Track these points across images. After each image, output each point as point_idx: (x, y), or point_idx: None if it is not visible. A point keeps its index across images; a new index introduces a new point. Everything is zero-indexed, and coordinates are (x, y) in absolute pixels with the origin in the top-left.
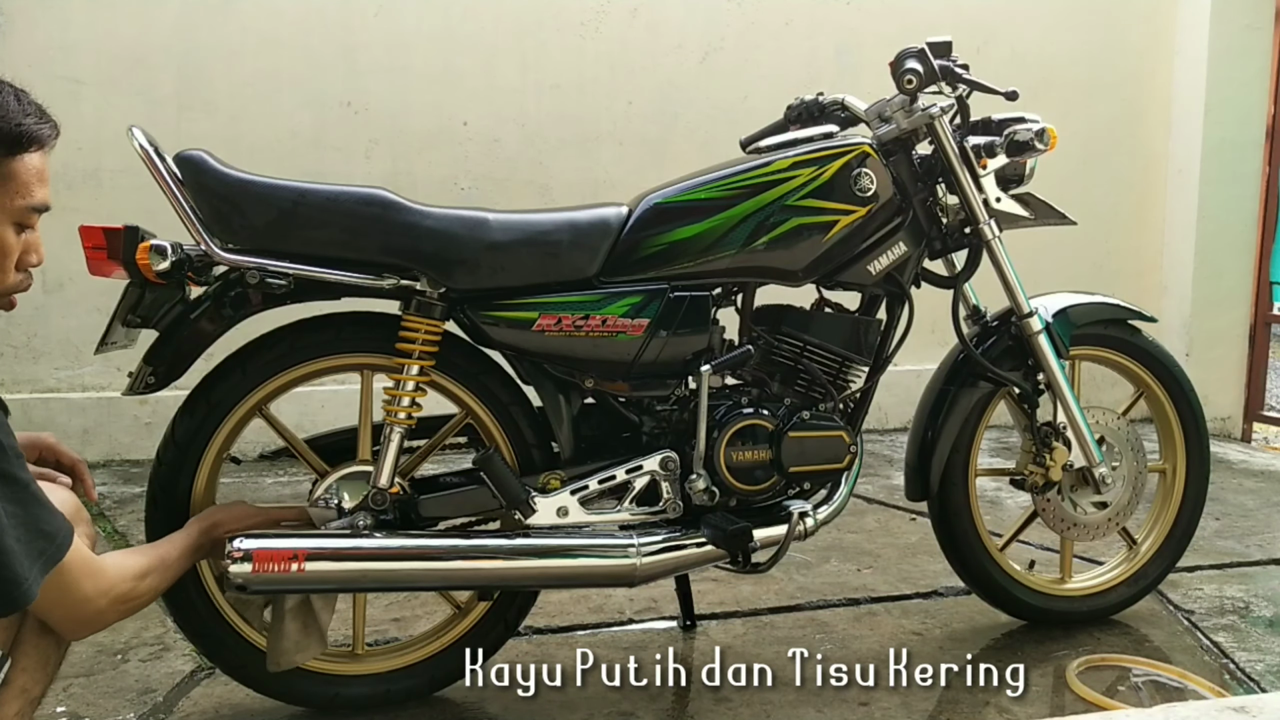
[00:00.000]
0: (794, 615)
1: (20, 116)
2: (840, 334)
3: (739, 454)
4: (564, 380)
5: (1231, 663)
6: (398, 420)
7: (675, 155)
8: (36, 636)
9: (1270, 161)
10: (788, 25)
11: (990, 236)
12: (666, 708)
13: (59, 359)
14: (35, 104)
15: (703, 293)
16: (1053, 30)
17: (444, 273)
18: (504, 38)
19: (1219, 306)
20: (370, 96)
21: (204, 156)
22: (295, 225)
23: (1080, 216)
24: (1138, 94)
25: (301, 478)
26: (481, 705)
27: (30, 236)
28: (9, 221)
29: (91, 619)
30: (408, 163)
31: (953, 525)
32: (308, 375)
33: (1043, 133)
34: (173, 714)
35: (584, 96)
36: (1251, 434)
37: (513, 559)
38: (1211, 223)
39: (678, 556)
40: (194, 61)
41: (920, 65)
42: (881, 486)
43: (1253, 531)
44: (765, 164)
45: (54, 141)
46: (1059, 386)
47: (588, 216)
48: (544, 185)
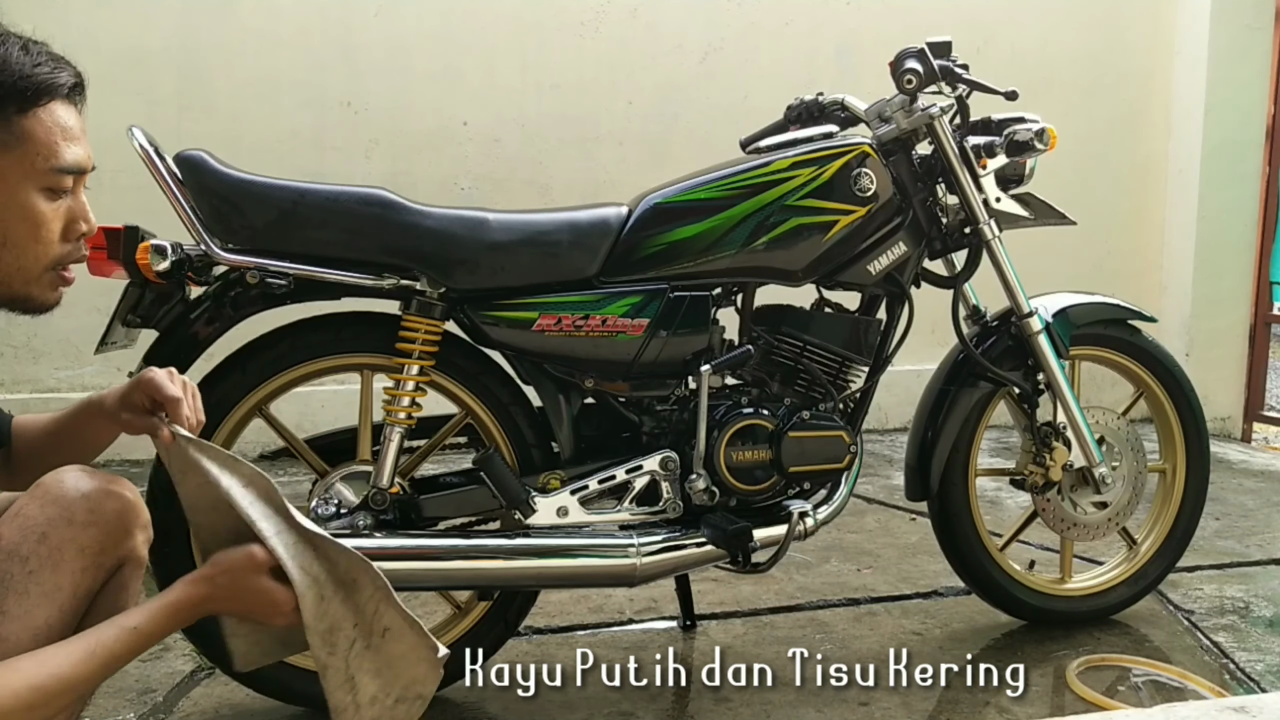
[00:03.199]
0: (794, 615)
1: (28, 68)
2: (840, 334)
3: (739, 454)
4: (564, 380)
5: (1231, 663)
6: (398, 420)
7: (675, 155)
8: None
9: (1270, 161)
10: (788, 25)
11: (990, 236)
12: (666, 708)
13: (59, 359)
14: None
15: (703, 293)
16: (1053, 30)
17: (444, 273)
18: (504, 38)
19: (1219, 306)
20: (370, 96)
21: (204, 156)
22: (295, 225)
23: (1080, 216)
24: (1138, 94)
25: (301, 478)
26: (481, 705)
27: (73, 203)
28: (36, 188)
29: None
30: (408, 163)
31: (953, 525)
32: (308, 375)
33: (1042, 133)
34: (173, 714)
35: (584, 96)
36: (1251, 434)
37: (513, 559)
38: (1211, 223)
39: (678, 556)
40: (194, 61)
41: (920, 65)
42: (881, 486)
43: (1253, 531)
44: (765, 164)
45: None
46: (1059, 386)
47: (588, 216)
48: (544, 185)
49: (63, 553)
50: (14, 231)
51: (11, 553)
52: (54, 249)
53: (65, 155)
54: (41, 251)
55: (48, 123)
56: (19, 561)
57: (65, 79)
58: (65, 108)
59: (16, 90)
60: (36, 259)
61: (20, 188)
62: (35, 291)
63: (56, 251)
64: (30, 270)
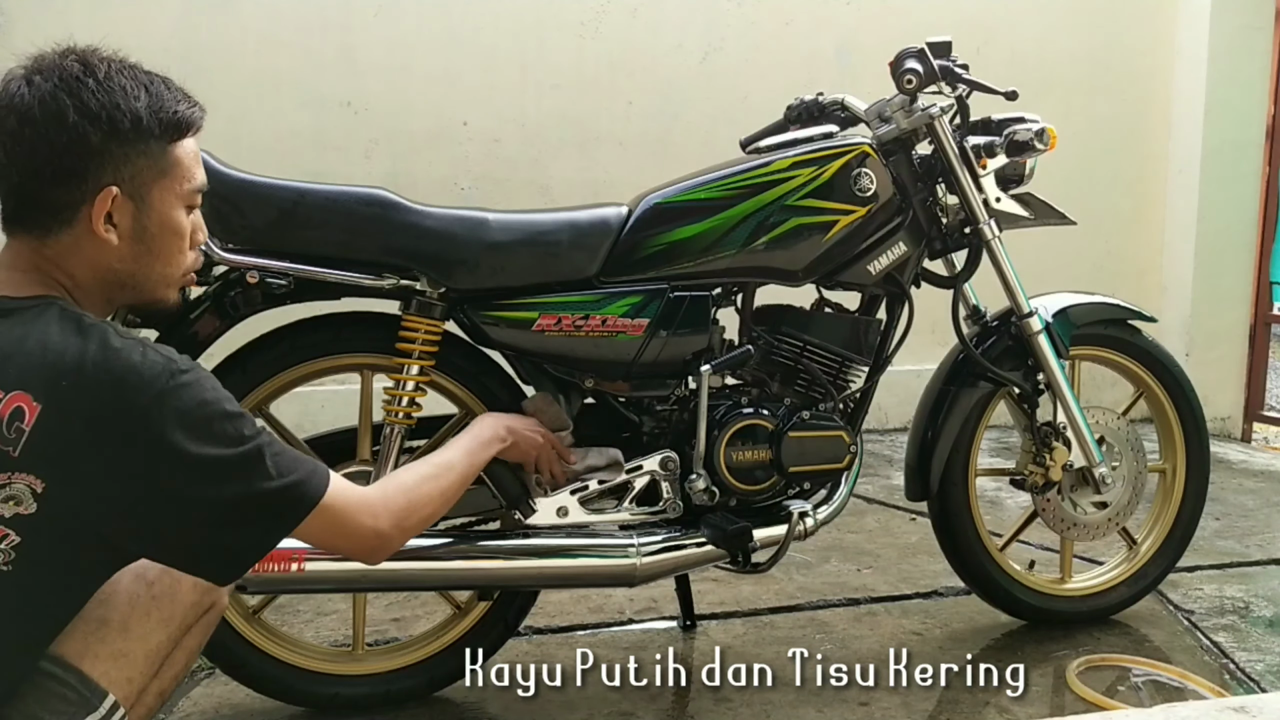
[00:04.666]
0: (794, 615)
1: (174, 104)
2: (840, 334)
3: (739, 454)
4: (564, 380)
5: (1231, 663)
6: (398, 420)
7: (675, 155)
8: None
9: (1270, 161)
10: (788, 25)
11: (990, 236)
12: (666, 708)
13: None
14: (181, 89)
15: (703, 293)
16: (1053, 30)
17: (444, 273)
18: (504, 38)
19: (1219, 306)
20: (370, 96)
21: (204, 156)
22: (295, 225)
23: (1080, 216)
24: (1138, 94)
25: None
26: (481, 705)
27: (195, 216)
28: (181, 205)
29: (378, 545)
30: (408, 163)
31: (953, 525)
32: (308, 375)
33: (1042, 133)
34: (173, 714)
35: (584, 96)
36: (1251, 434)
37: (513, 559)
38: (1211, 223)
39: (678, 556)
40: (194, 61)
41: (920, 65)
42: (881, 486)
43: (1253, 531)
44: (765, 164)
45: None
46: (1059, 386)
47: (588, 216)
48: (544, 185)
49: (180, 584)
50: (165, 245)
51: (140, 575)
52: (189, 258)
53: (199, 177)
54: (181, 260)
55: (189, 149)
56: (145, 585)
57: (200, 113)
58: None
59: (171, 124)
60: (178, 267)
61: (173, 207)
62: (171, 294)
63: (190, 259)
64: (172, 277)
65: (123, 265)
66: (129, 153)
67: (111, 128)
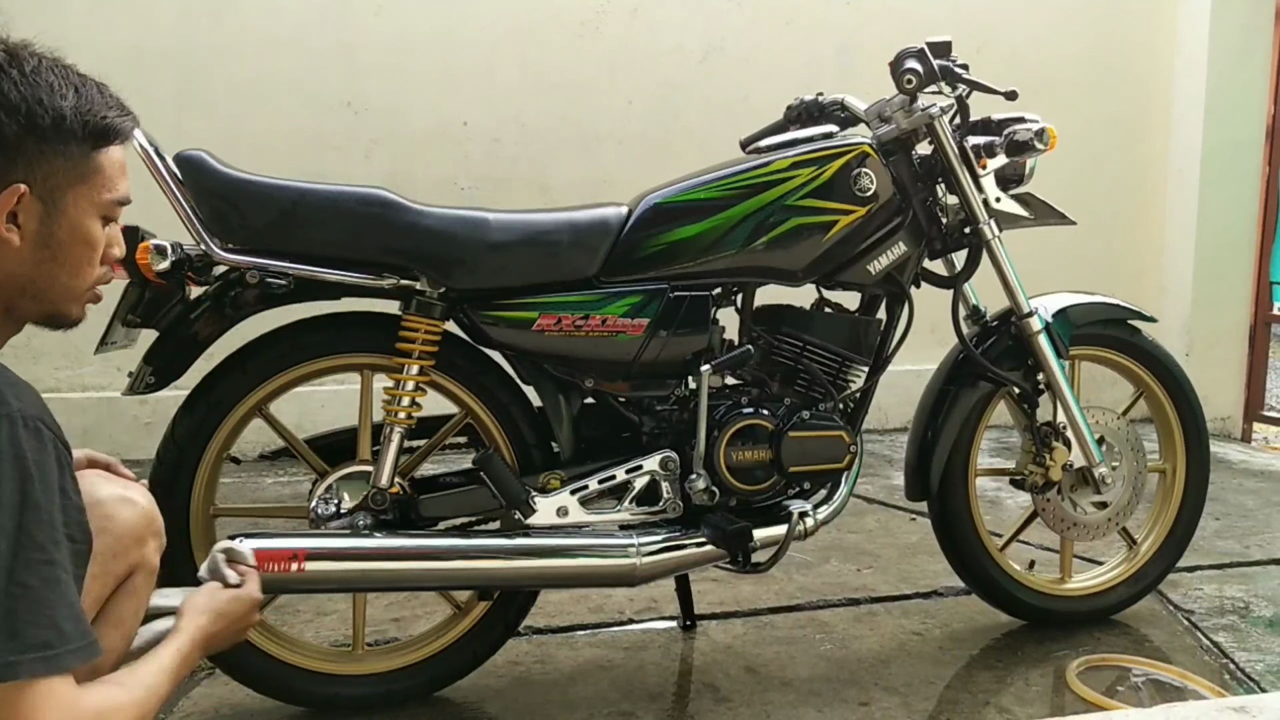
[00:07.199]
0: (794, 615)
1: (105, 109)
2: (840, 334)
3: (739, 454)
4: (564, 380)
5: (1231, 663)
6: (398, 420)
7: (675, 155)
8: None
9: (1270, 161)
10: (788, 25)
11: (990, 236)
12: (666, 708)
13: (59, 359)
14: (116, 97)
15: (702, 293)
16: (1053, 30)
17: (444, 273)
18: (504, 38)
19: (1219, 306)
20: (370, 96)
21: (204, 156)
22: (295, 225)
23: (1080, 216)
24: (1138, 94)
25: (301, 478)
26: (481, 705)
27: (112, 230)
28: (97, 215)
29: None
30: (408, 163)
31: (953, 525)
32: (308, 375)
33: (1042, 133)
34: (173, 714)
35: (584, 96)
36: (1251, 434)
37: (513, 559)
38: (1211, 223)
39: (678, 556)
40: (194, 61)
41: (920, 65)
42: (881, 486)
43: (1253, 531)
44: (765, 164)
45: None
46: (1059, 386)
47: (588, 216)
48: (544, 185)
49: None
50: (74, 255)
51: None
52: (98, 271)
53: (122, 188)
54: (90, 273)
55: (114, 159)
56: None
57: (130, 124)
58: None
59: (97, 129)
60: (85, 279)
61: (87, 215)
62: (74, 309)
63: (99, 273)
64: (77, 289)
65: (23, 270)
66: (45, 151)
67: (30, 122)
